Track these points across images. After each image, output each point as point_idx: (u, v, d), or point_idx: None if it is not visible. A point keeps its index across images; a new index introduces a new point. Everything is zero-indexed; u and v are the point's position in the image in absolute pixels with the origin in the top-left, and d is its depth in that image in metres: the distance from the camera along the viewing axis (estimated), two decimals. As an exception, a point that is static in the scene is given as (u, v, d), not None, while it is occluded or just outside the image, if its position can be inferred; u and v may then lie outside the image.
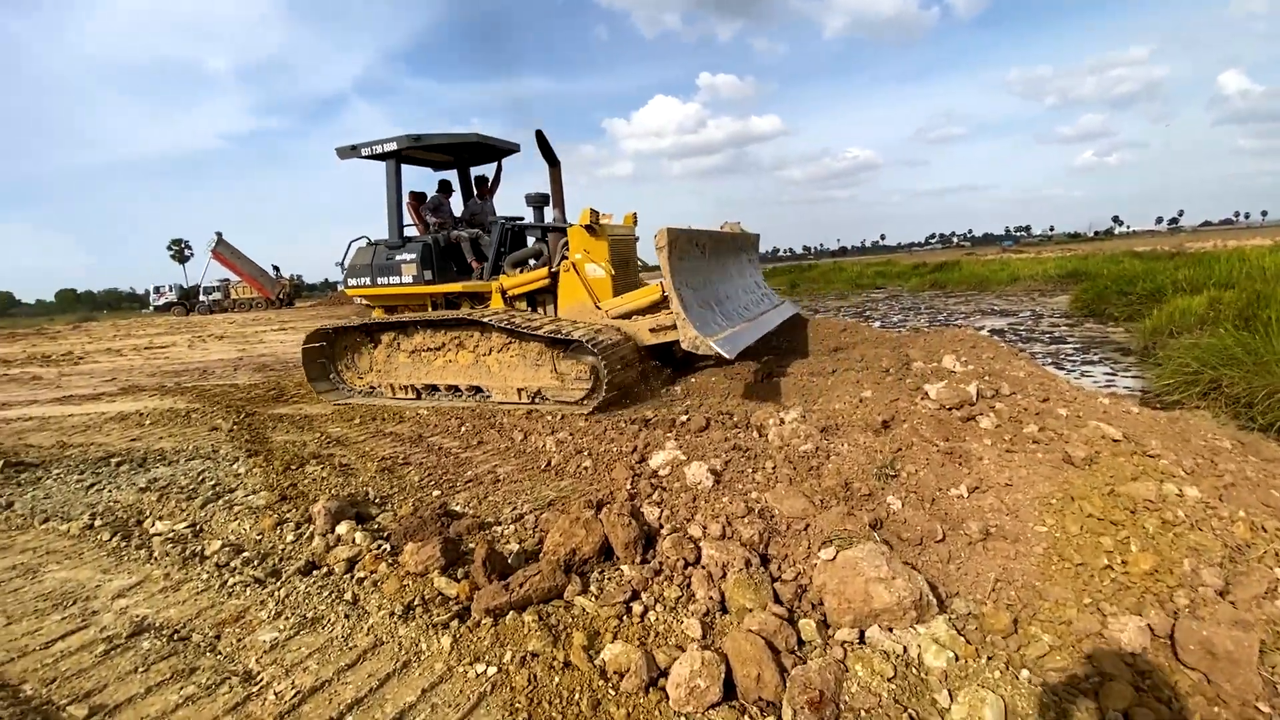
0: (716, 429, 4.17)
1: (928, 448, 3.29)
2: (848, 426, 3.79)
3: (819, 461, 3.15)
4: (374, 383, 6.65)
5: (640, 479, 3.26)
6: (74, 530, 3.42)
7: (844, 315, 16.14)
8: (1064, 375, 7.42)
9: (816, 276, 32.53)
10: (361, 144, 6.57)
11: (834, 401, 4.61)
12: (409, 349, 6.34)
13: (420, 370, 6.34)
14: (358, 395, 6.66)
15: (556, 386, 5.58)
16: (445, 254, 6.66)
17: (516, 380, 5.80)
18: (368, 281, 6.74)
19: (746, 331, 5.52)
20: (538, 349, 5.64)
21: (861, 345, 6.73)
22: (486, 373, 5.98)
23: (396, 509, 3.37)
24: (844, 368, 5.67)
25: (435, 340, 6.18)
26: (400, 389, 6.46)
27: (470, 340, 6.01)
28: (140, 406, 7.15)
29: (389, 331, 6.46)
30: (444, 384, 6.26)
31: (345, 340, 6.78)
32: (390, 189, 6.64)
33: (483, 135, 6.87)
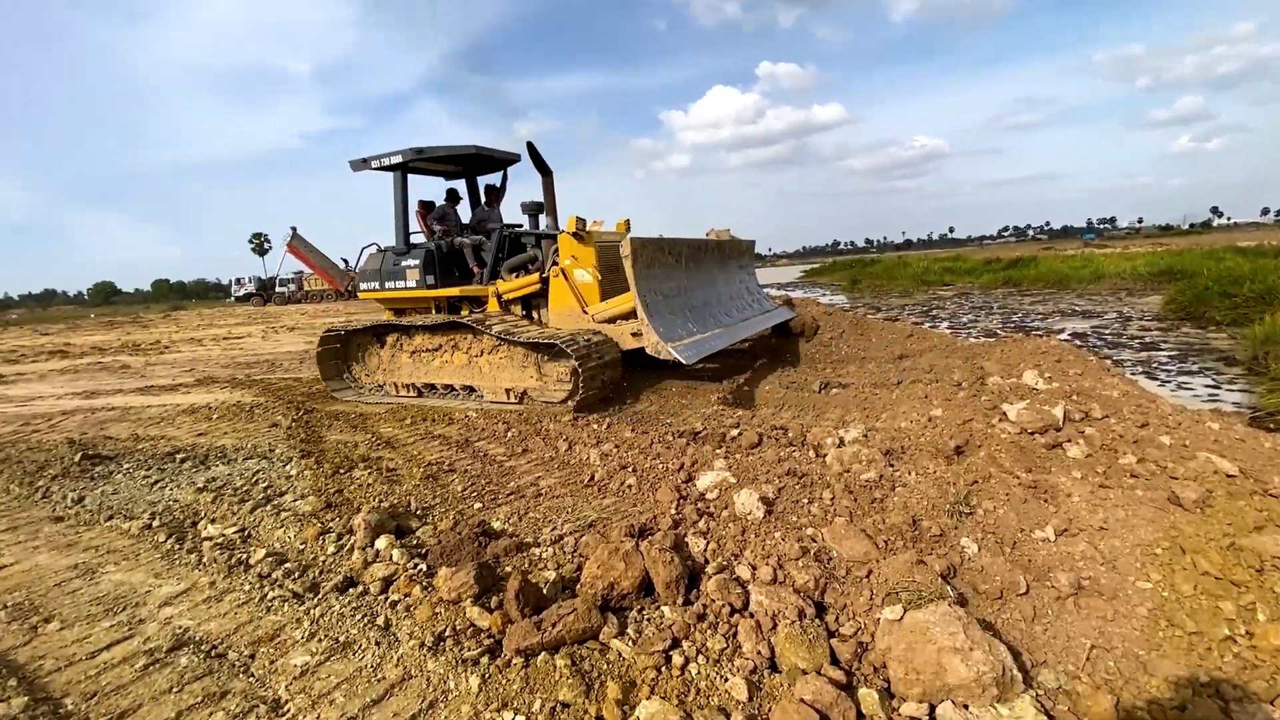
0: (770, 446, 3.93)
1: (1007, 480, 2.97)
2: (915, 450, 3.48)
3: (883, 493, 2.88)
4: (381, 381, 6.93)
5: (686, 502, 3.07)
6: (134, 530, 3.52)
7: (908, 315, 15.38)
8: (1158, 388, 6.76)
9: (879, 272, 31.28)
10: (372, 156, 6.92)
11: (899, 419, 4.29)
12: (410, 350, 6.64)
13: (420, 370, 6.62)
14: (367, 392, 6.95)
15: (540, 387, 5.78)
16: (447, 260, 6.95)
17: (505, 381, 5.99)
18: (377, 286, 7.12)
19: (717, 338, 5.73)
20: (523, 351, 5.84)
21: (930, 353, 6.31)
22: (479, 373, 6.21)
23: (437, 522, 3.30)
24: (910, 379, 5.31)
25: (433, 342, 6.48)
26: (403, 387, 6.75)
27: (464, 342, 6.26)
28: (211, 399, 7.46)
29: (393, 333, 6.77)
30: (441, 383, 6.50)
31: (357, 340, 7.10)
32: (397, 198, 6.98)
33: (480, 147, 7.10)
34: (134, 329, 26.25)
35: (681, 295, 5.92)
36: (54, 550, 3.37)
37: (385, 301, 7.25)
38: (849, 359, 6.86)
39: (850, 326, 7.66)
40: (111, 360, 13.51)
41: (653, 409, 5.57)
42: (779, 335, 7.66)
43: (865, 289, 27.17)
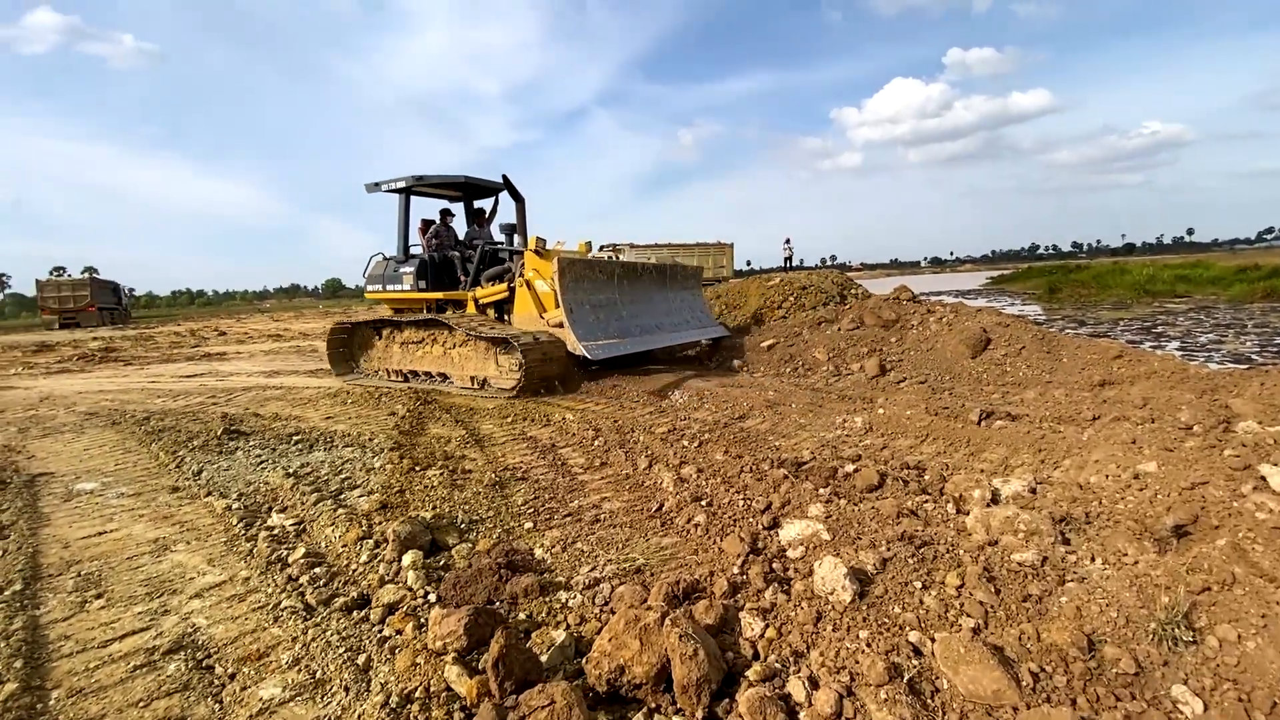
0: (891, 492, 3.05)
1: (1263, 591, 1.88)
2: (1106, 523, 2.44)
3: (1044, 588, 1.96)
4: (377, 367, 8.17)
5: (757, 559, 2.37)
6: (219, 509, 3.61)
7: (1121, 332, 12.62)
8: None
9: (1087, 280, 26.56)
10: (383, 181, 8.18)
11: (1089, 470, 3.16)
12: (400, 341, 7.90)
13: (407, 359, 7.80)
14: (366, 376, 8.20)
15: (497, 375, 6.78)
16: (439, 269, 8.16)
17: (470, 370, 7.04)
18: (381, 288, 8.43)
19: (636, 343, 6.88)
20: (484, 345, 6.84)
21: (1145, 382, 4.82)
22: (451, 363, 7.29)
23: (478, 540, 2.94)
24: (1112, 415, 4.01)
25: (418, 336, 7.67)
26: (393, 373, 7.95)
27: (441, 336, 7.39)
28: (356, 384, 8.01)
29: (387, 327, 8.09)
30: (422, 370, 7.64)
31: (360, 333, 8.47)
32: (400, 216, 8.27)
33: (470, 177, 8.35)
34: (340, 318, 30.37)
35: (610, 306, 6.97)
36: (152, 521, 3.54)
37: (387, 300, 8.52)
38: (1028, 382, 5.50)
39: (1033, 341, 6.21)
40: (308, 346, 15.48)
41: (764, 426, 4.83)
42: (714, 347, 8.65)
43: (1066, 299, 23.23)
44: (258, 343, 17.52)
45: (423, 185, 8.16)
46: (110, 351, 15.95)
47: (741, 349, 7.97)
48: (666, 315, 7.93)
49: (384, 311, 8.59)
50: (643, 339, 7.05)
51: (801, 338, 7.79)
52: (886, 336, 7.23)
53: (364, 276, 8.73)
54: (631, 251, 27.12)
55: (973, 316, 7.09)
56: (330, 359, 8.50)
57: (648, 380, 7.19)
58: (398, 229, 8.34)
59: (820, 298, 9.80)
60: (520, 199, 8.22)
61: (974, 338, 6.35)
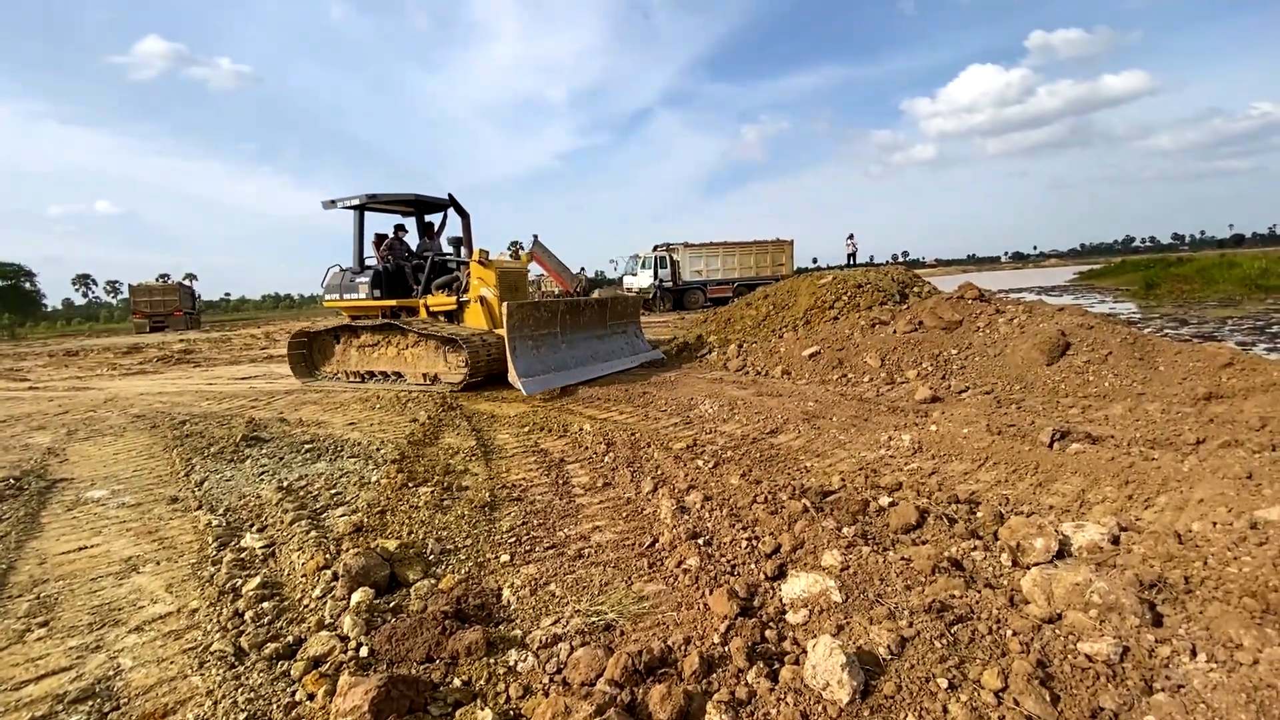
0: (931, 534, 2.51)
1: None
2: (1214, 593, 1.84)
3: (1121, 699, 1.42)
4: (337, 370, 8.73)
5: (746, 625, 1.92)
6: (201, 524, 3.44)
7: (1231, 334, 11.14)
8: None
9: (1190, 274, 23.96)
10: (338, 199, 8.72)
11: (1190, 513, 2.51)
12: (358, 345, 8.60)
13: (365, 360, 8.50)
14: (325, 379, 8.72)
15: (446, 370, 7.58)
16: (392, 278, 8.69)
17: (423, 367, 7.83)
18: (338, 296, 8.93)
19: (570, 375, 7.32)
20: (435, 345, 7.68)
21: (1262, 395, 4.00)
22: (405, 362, 8.08)
23: (445, 574, 2.61)
24: (1221, 439, 3.28)
25: (374, 339, 8.43)
26: (351, 375, 8.54)
27: (395, 339, 8.21)
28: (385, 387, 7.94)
29: (345, 333, 8.71)
30: (378, 370, 8.32)
31: (319, 340, 9.05)
32: (355, 230, 8.85)
33: (420, 194, 8.90)
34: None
35: (549, 340, 7.46)
36: (135, 536, 3.40)
37: (344, 308, 9.01)
38: (1114, 395, 4.72)
39: (1121, 345, 5.36)
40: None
41: (797, 442, 4.30)
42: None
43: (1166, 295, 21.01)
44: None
45: (375, 202, 8.80)
46: (188, 353, 16.86)
47: (784, 355, 7.39)
48: (602, 345, 8.54)
49: (342, 317, 9.23)
50: (577, 370, 7.57)
51: (852, 341, 7.14)
52: (948, 340, 6.50)
53: (322, 286, 9.24)
54: (685, 251, 26.60)
55: (1049, 317, 6.25)
56: (291, 364, 9.00)
57: (681, 387, 6.75)
58: (353, 242, 8.95)
59: (878, 296, 9.06)
60: (465, 214, 8.93)
61: (1049, 341, 5.55)
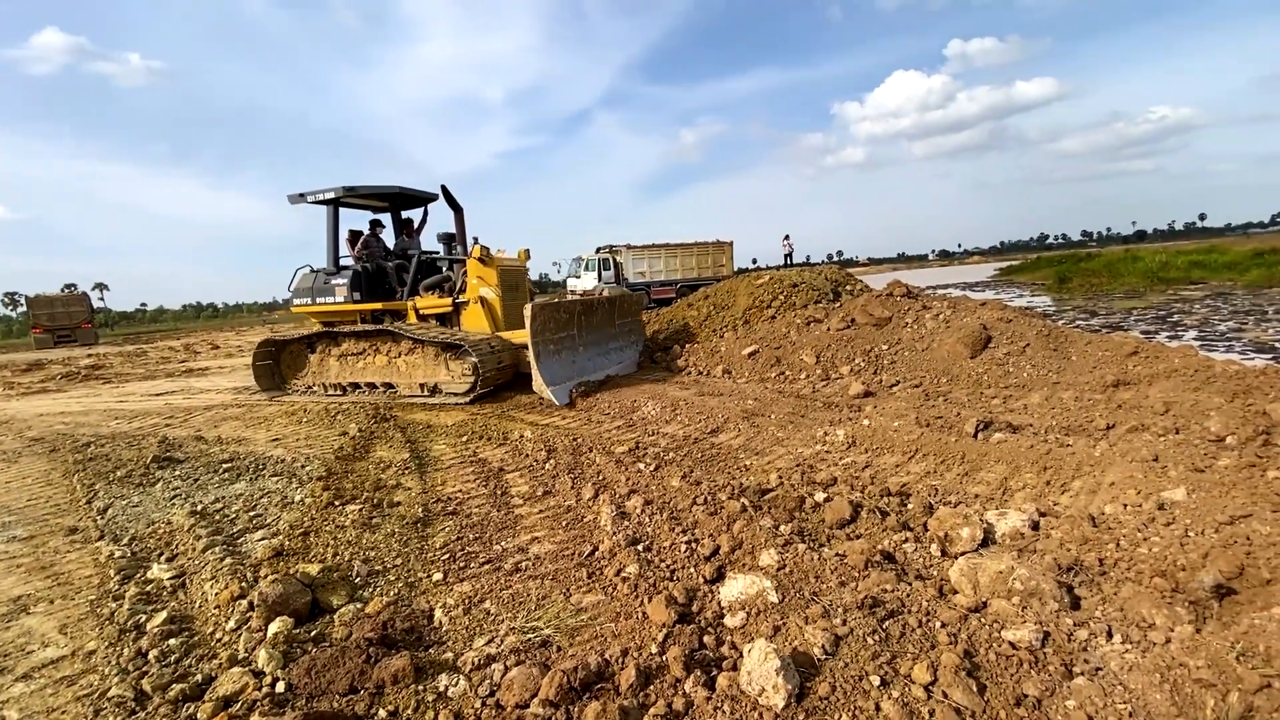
0: (865, 527, 2.56)
1: (1352, 687, 1.38)
2: (1127, 575, 1.94)
3: (1044, 685, 1.46)
4: (312, 382, 7.89)
5: (686, 629, 1.89)
6: (103, 556, 3.17)
7: (1136, 323, 12.00)
8: None
9: (1098, 268, 25.68)
10: (308, 192, 7.76)
11: (1103, 496, 2.65)
12: (339, 354, 7.72)
13: (347, 371, 7.65)
14: (297, 393, 7.87)
15: (449, 380, 6.88)
16: (372, 279, 7.90)
17: (419, 376, 7.09)
18: (309, 300, 8.03)
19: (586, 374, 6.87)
20: (434, 351, 6.97)
21: (1165, 381, 4.29)
22: (397, 372, 7.30)
23: (372, 597, 2.47)
24: (1129, 423, 3.49)
25: (358, 347, 7.56)
26: (331, 387, 7.72)
27: (385, 346, 7.37)
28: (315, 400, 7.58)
29: (322, 341, 7.83)
30: (364, 382, 7.51)
31: (289, 349, 8.15)
32: (329, 227, 7.93)
33: (404, 187, 8.08)
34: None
35: (570, 342, 6.95)
36: (26, 572, 3.10)
37: (315, 314, 8.14)
38: (1033, 384, 4.98)
39: (1038, 338, 5.67)
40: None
41: (737, 441, 4.33)
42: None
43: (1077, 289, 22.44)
44: (246, 356, 17.17)
45: (353, 196, 7.90)
46: (96, 369, 15.67)
47: (725, 354, 7.47)
48: (611, 343, 8.02)
49: (313, 325, 8.24)
50: (593, 375, 7.15)
51: (789, 339, 7.28)
52: (879, 336, 6.71)
53: (289, 289, 8.32)
54: (629, 253, 26.62)
55: (972, 312, 6.55)
56: (255, 377, 8.19)
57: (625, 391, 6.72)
58: (327, 240, 8.04)
59: (812, 295, 9.27)
60: (459, 208, 8.21)
61: (973, 335, 5.81)
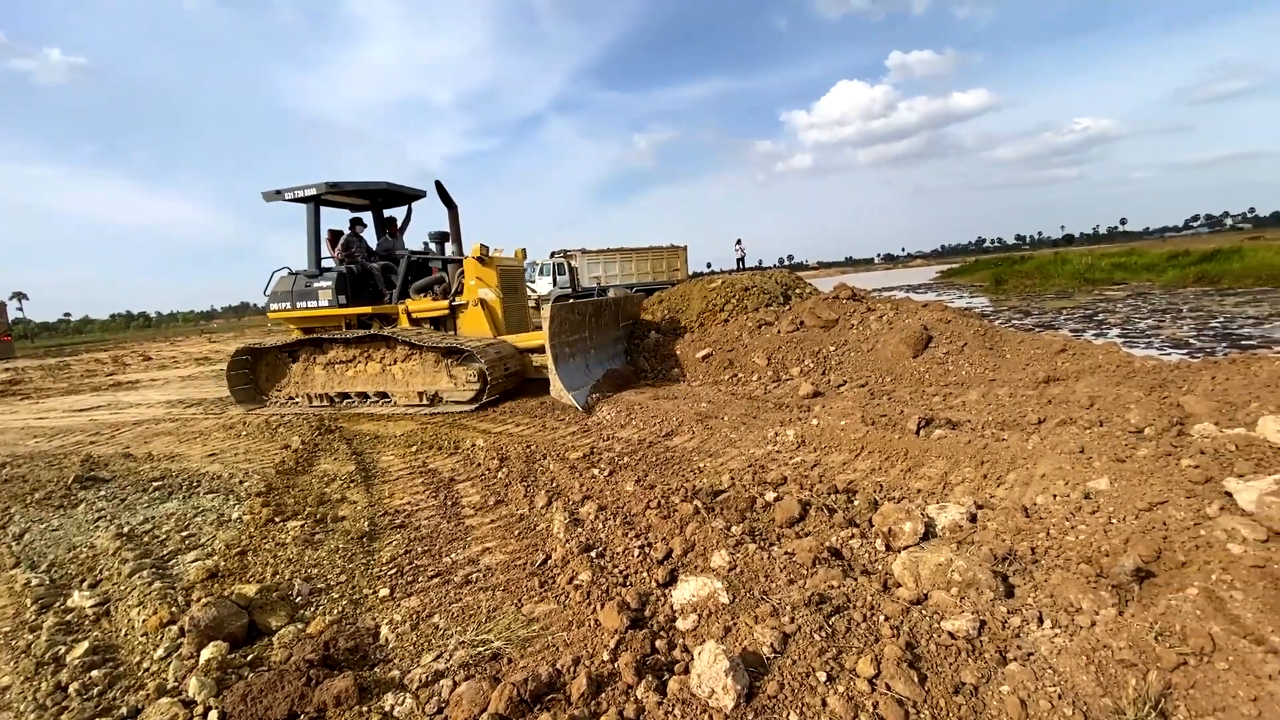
0: (814, 525, 2.61)
1: (1253, 657, 1.48)
2: (1057, 562, 2.03)
3: (980, 672, 1.52)
4: (295, 393, 7.38)
5: (639, 634, 1.89)
6: (19, 585, 2.95)
7: (1065, 322, 12.67)
8: None
9: (1031, 270, 27.10)
10: (285, 189, 7.32)
11: (1034, 488, 2.78)
12: (325, 362, 7.18)
13: (334, 380, 7.16)
14: (278, 405, 7.41)
15: (451, 387, 6.48)
16: (358, 282, 7.48)
17: (418, 385, 6.67)
18: (288, 306, 7.50)
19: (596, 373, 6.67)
20: (434, 357, 6.55)
21: (1091, 377, 4.53)
22: (393, 380, 6.86)
23: (314, 617, 2.38)
24: (1059, 417, 3.67)
25: (347, 354, 7.07)
26: (317, 398, 7.24)
27: (378, 353, 6.90)
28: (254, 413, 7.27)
29: (306, 349, 7.28)
30: (354, 392, 7.06)
31: (267, 358, 7.61)
32: (310, 227, 7.46)
33: (391, 183, 7.71)
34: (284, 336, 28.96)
35: (583, 344, 6.77)
36: (-72, 608, 2.86)
37: (296, 320, 7.63)
38: (971, 382, 5.19)
39: (975, 337, 5.92)
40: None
41: (691, 444, 4.37)
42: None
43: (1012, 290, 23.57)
44: (181, 367, 16.34)
45: (336, 193, 7.45)
46: (14, 384, 14.63)
47: (680, 357, 7.53)
48: (613, 344, 7.74)
49: (291, 332, 7.76)
50: (600, 370, 6.93)
51: (741, 342, 7.39)
52: (827, 338, 6.88)
53: (265, 294, 7.77)
54: (584, 258, 26.56)
55: (914, 313, 6.79)
56: (230, 388, 7.59)
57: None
58: (307, 241, 7.53)
59: (763, 299, 9.43)
60: (453, 206, 7.76)
61: (914, 335, 6.03)
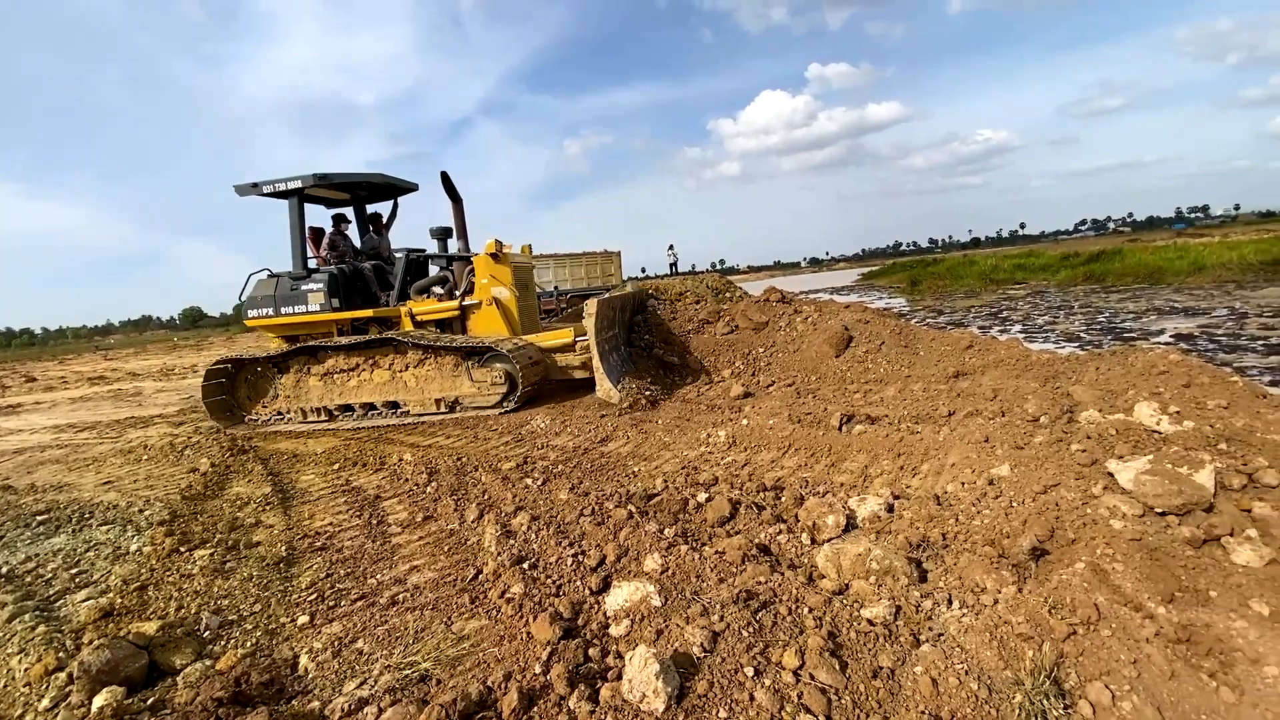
0: (744, 523, 2.68)
1: (1132, 625, 1.63)
2: (965, 546, 2.17)
3: (896, 656, 1.60)
4: (287, 408, 6.79)
5: (571, 643, 1.87)
6: None
7: (974, 319, 13.56)
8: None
9: (943, 272, 28.91)
10: (263, 182, 6.64)
11: (945, 476, 2.95)
12: (321, 373, 6.62)
13: (334, 392, 6.61)
14: (268, 423, 6.79)
15: (474, 392, 6.16)
16: (350, 283, 6.92)
17: (434, 391, 6.28)
18: (270, 312, 6.77)
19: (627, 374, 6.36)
20: (453, 360, 6.20)
21: (994, 370, 4.86)
22: (405, 387, 6.40)
23: (225, 651, 2.23)
24: (966, 410, 3.91)
25: (349, 363, 6.52)
26: (314, 412, 6.67)
27: (385, 359, 6.42)
28: (160, 434, 6.75)
29: (299, 358, 6.67)
30: (359, 403, 6.54)
31: (250, 371, 6.91)
32: (294, 224, 6.78)
33: (386, 175, 7.33)
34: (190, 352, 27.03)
35: (614, 339, 6.54)
36: None
37: (279, 328, 6.88)
38: (888, 379, 5.46)
39: (891, 336, 6.23)
40: (131, 387, 13.38)
41: (626, 449, 4.38)
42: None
43: (927, 291, 25.05)
44: (73, 388, 14.95)
45: (324, 186, 6.79)
46: None
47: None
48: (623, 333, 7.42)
49: (272, 342, 7.03)
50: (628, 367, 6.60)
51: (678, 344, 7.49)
52: (757, 340, 7.08)
53: (243, 299, 6.94)
54: (514, 264, 26.15)
55: (836, 314, 7.09)
56: (209, 408, 6.80)
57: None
58: (291, 240, 6.77)
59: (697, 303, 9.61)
60: (459, 199, 7.28)
61: (836, 336, 6.30)
